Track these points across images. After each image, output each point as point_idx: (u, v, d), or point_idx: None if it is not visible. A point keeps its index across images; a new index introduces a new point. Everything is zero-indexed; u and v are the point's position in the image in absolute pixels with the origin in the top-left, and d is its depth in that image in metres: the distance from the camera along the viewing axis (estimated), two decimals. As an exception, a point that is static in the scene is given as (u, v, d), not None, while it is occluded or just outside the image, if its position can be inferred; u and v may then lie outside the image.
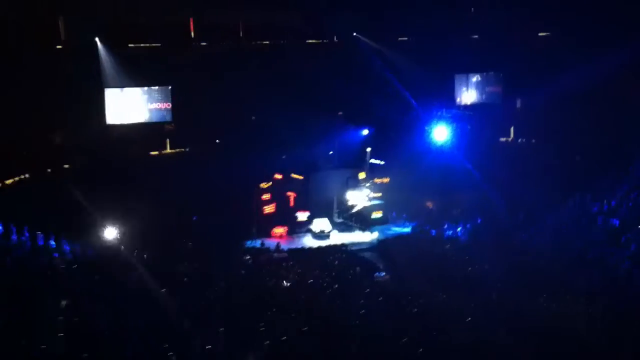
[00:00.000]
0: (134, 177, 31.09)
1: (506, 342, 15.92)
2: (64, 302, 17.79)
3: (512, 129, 39.06)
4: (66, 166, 32.71)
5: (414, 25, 37.57)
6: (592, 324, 17.10)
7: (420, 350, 15.84)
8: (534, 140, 37.82)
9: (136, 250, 25.32)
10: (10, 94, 29.30)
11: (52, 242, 24.21)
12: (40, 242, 23.87)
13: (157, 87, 35.36)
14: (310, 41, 37.96)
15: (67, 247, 24.22)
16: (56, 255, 23.18)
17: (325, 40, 38.49)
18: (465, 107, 38.99)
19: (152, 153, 35.74)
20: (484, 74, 38.71)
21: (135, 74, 34.21)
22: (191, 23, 35.88)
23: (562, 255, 24.02)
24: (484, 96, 39.10)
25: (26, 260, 21.80)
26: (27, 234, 23.82)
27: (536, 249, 25.59)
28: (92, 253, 24.74)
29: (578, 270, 22.04)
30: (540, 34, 37.87)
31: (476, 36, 38.53)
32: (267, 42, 37.28)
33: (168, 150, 36.39)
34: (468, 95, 39.23)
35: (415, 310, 19.46)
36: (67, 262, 22.64)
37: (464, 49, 37.37)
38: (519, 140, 38.75)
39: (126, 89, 34.58)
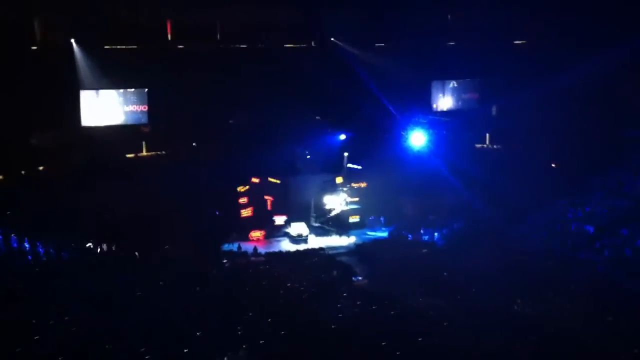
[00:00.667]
0: (109, 179, 30.77)
1: (487, 345, 16.09)
2: None
3: (487, 136, 39.37)
4: (40, 168, 32.27)
5: (391, 31, 37.69)
6: (580, 324, 17.35)
7: (398, 353, 15.89)
8: (509, 147, 38.14)
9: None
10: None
11: (26, 245, 23.86)
12: (14, 245, 23.50)
13: (133, 90, 35.06)
14: (288, 45, 37.86)
15: (41, 250, 23.91)
16: (30, 257, 22.88)
17: (303, 45, 38.44)
18: (442, 112, 39.25)
19: (128, 155, 35.39)
20: (461, 80, 38.97)
21: (111, 76, 33.82)
22: (168, 25, 35.62)
23: (544, 256, 24.35)
24: (460, 102, 39.43)
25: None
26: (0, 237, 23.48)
27: (517, 250, 25.90)
28: (67, 256, 24.47)
29: (562, 271, 22.38)
30: (517, 42, 38.20)
31: (453, 43, 38.73)
32: (245, 45, 37.11)
33: (144, 153, 36.07)
34: (444, 101, 39.52)
35: (393, 313, 19.48)
36: (42, 264, 22.37)
37: (442, 56, 37.62)
38: (495, 146, 39.08)
39: (102, 91, 34.20)
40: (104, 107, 34.44)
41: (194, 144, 36.33)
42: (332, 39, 37.59)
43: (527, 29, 36.66)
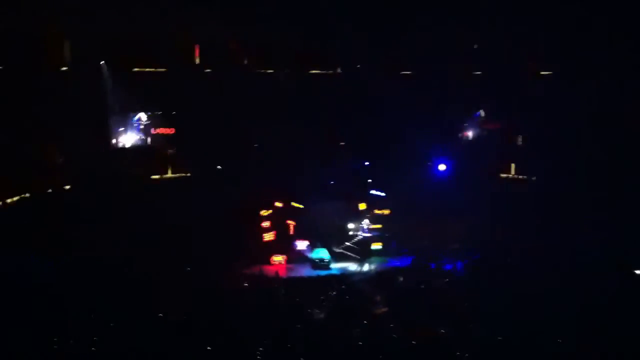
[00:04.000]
0: (135, 200, 31.14)
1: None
2: None
3: (512, 166, 39.11)
4: (67, 187, 32.72)
5: (415, 59, 37.92)
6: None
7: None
8: (534, 178, 37.88)
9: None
10: (15, 114, 29.41)
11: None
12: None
13: (160, 112, 35.59)
14: (313, 71, 38.22)
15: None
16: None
17: (329, 71, 38.76)
18: (467, 141, 39.15)
19: (154, 177, 35.78)
20: (487, 108, 38.85)
21: (138, 98, 34.40)
22: (196, 49, 36.20)
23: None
24: (485, 132, 39.28)
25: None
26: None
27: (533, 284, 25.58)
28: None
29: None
30: (543, 73, 38.09)
31: (479, 72, 38.76)
32: (272, 70, 37.53)
33: (169, 175, 36.44)
34: (467, 130, 39.47)
35: (414, 342, 19.33)
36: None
37: (464, 84, 37.68)
38: (520, 176, 38.80)
39: (130, 113, 34.76)
40: (132, 129, 35.00)
41: (218, 166, 36.63)
42: (358, 65, 37.87)
43: (554, 58, 36.56)
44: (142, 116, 35.90)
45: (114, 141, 35.09)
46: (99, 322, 19.37)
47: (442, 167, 35.71)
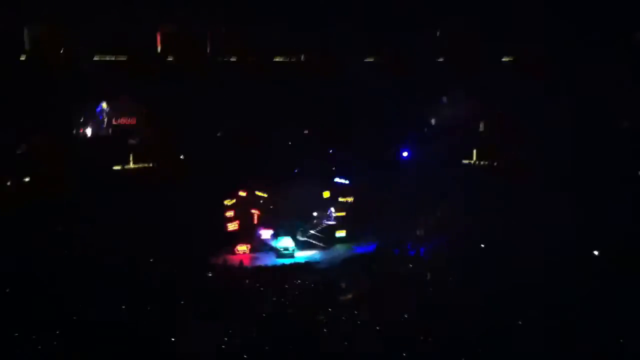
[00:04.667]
0: (97, 190, 30.70)
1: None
2: None
3: (474, 152, 39.44)
4: (26, 179, 32.10)
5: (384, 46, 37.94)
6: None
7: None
8: (495, 163, 38.28)
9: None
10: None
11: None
12: None
13: (121, 101, 35.06)
14: (277, 59, 37.99)
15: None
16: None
17: (292, 59, 38.54)
18: (435, 127, 39.36)
19: (115, 167, 35.29)
20: (451, 96, 39.03)
21: (100, 87, 33.82)
22: (158, 37, 35.68)
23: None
24: (448, 117, 39.46)
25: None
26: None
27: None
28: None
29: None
30: (505, 59, 38.42)
31: (442, 59, 38.92)
32: (234, 58, 37.21)
33: (131, 165, 35.97)
34: (434, 116, 39.63)
35: (378, 328, 19.51)
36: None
37: (431, 71, 37.80)
38: (481, 162, 39.17)
39: (91, 102, 34.16)
40: (92, 118, 34.43)
41: (181, 156, 36.29)
42: (323, 52, 37.74)
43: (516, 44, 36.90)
44: (104, 106, 35.28)
45: (74, 131, 34.37)
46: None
47: (404, 154, 35.84)
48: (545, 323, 19.27)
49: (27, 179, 32.23)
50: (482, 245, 29.50)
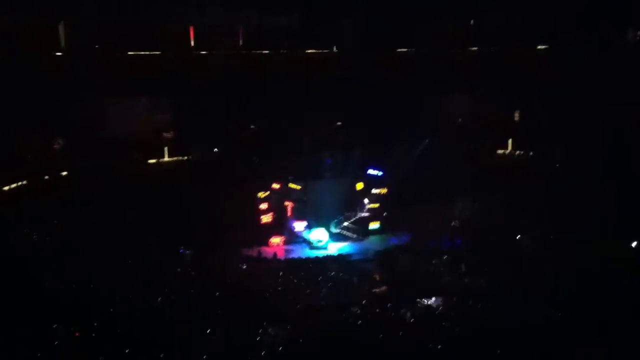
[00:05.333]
0: (132, 184, 31.13)
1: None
2: None
3: (510, 141, 39.01)
4: (64, 173, 32.64)
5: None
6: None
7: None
8: (531, 153, 37.83)
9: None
10: (11, 99, 29.25)
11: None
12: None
13: (156, 95, 35.38)
14: (310, 50, 38.01)
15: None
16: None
17: (325, 50, 38.53)
18: (464, 121, 39.07)
19: (151, 161, 35.71)
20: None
21: (134, 82, 34.13)
22: (191, 31, 35.92)
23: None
24: (481, 109, 39.05)
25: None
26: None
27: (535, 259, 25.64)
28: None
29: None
30: (540, 47, 37.88)
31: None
32: (267, 50, 37.32)
33: (166, 159, 36.36)
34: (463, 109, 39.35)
35: (412, 320, 19.45)
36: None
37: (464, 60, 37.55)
38: (517, 152, 38.73)
39: (126, 97, 34.52)
40: (128, 113, 34.80)
41: (215, 149, 36.54)
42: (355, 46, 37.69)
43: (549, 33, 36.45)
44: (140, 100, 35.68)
45: (111, 125, 34.80)
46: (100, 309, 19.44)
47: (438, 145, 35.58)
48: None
49: (63, 173, 32.79)
50: (518, 237, 29.04)
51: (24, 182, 30.86)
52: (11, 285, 18.73)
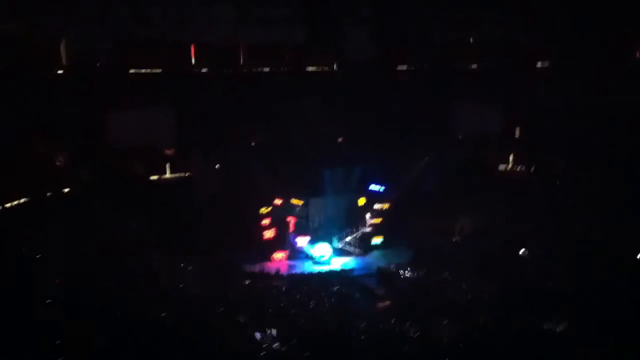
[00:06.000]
0: (134, 200, 31.10)
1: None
2: None
3: (511, 157, 39.00)
4: (65, 190, 32.60)
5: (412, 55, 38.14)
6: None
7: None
8: (532, 169, 37.85)
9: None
10: (12, 115, 29.30)
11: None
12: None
13: (157, 112, 35.42)
14: (310, 68, 38.20)
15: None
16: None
17: (325, 68, 38.71)
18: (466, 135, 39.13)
19: (152, 177, 35.73)
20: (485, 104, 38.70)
21: (136, 99, 34.23)
22: (192, 49, 36.10)
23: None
24: (483, 125, 39.08)
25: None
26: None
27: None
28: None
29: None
30: (539, 65, 38.06)
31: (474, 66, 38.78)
32: (267, 68, 37.48)
33: (168, 175, 36.37)
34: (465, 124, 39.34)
35: (417, 335, 19.34)
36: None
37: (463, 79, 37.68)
38: (519, 168, 38.74)
39: (127, 113, 34.57)
40: (129, 129, 34.82)
41: (217, 165, 36.58)
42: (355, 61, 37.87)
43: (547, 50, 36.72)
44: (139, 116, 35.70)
45: (112, 141, 34.80)
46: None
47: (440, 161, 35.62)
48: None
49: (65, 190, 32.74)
50: (522, 251, 28.97)
51: (26, 199, 30.86)
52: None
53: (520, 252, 28.45)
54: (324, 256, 32.67)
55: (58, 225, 26.92)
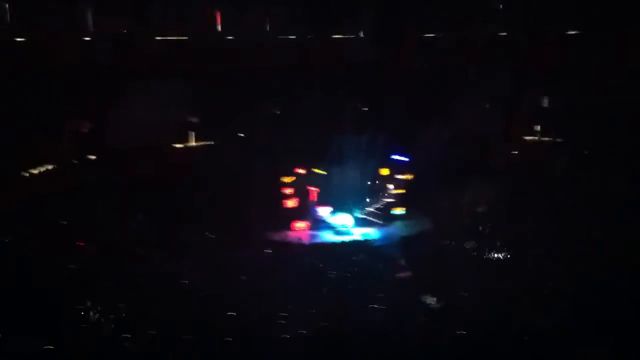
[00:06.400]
0: (158, 169, 31.42)
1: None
2: None
3: (538, 127, 38.48)
4: (92, 157, 33.03)
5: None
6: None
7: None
8: (559, 140, 37.37)
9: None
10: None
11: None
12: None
13: (181, 80, 35.45)
14: (335, 36, 37.91)
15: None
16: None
17: (350, 36, 38.39)
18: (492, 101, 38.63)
19: (177, 146, 35.94)
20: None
21: (163, 67, 34.30)
22: (217, 16, 35.97)
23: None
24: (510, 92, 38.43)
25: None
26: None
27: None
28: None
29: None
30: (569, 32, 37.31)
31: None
32: (293, 36, 37.28)
33: (193, 143, 36.57)
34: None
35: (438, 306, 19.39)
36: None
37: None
38: (546, 138, 38.25)
39: (152, 81, 34.64)
40: (154, 98, 34.94)
41: (241, 134, 36.65)
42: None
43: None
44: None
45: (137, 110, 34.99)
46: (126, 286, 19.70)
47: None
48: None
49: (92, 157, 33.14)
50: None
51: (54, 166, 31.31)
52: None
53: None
54: (346, 226, 32.67)
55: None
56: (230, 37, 36.54)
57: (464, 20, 37.21)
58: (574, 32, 36.76)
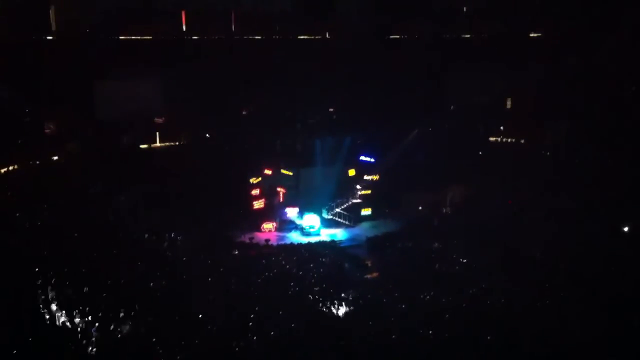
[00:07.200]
0: (123, 169, 31.04)
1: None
2: None
3: (502, 128, 39.02)
4: (54, 158, 32.52)
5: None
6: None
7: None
8: (523, 141, 37.94)
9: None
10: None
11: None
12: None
13: (147, 80, 35.16)
14: (302, 37, 37.91)
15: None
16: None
17: (317, 37, 38.44)
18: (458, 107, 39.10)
19: (142, 146, 35.59)
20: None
21: (125, 67, 33.89)
22: (183, 15, 35.72)
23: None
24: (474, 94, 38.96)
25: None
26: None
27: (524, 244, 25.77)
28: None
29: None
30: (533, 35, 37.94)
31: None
32: (260, 36, 37.19)
33: (158, 144, 36.25)
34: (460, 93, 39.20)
35: (403, 306, 19.50)
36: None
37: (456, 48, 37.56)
38: (509, 140, 38.80)
39: (116, 81, 34.30)
40: (118, 97, 34.57)
41: (207, 135, 36.44)
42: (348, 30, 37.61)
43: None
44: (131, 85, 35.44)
45: (101, 109, 34.59)
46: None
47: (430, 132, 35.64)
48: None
49: (54, 158, 32.68)
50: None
51: (15, 166, 30.81)
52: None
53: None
54: (314, 227, 32.66)
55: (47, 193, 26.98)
56: (195, 37, 36.21)
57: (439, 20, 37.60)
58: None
